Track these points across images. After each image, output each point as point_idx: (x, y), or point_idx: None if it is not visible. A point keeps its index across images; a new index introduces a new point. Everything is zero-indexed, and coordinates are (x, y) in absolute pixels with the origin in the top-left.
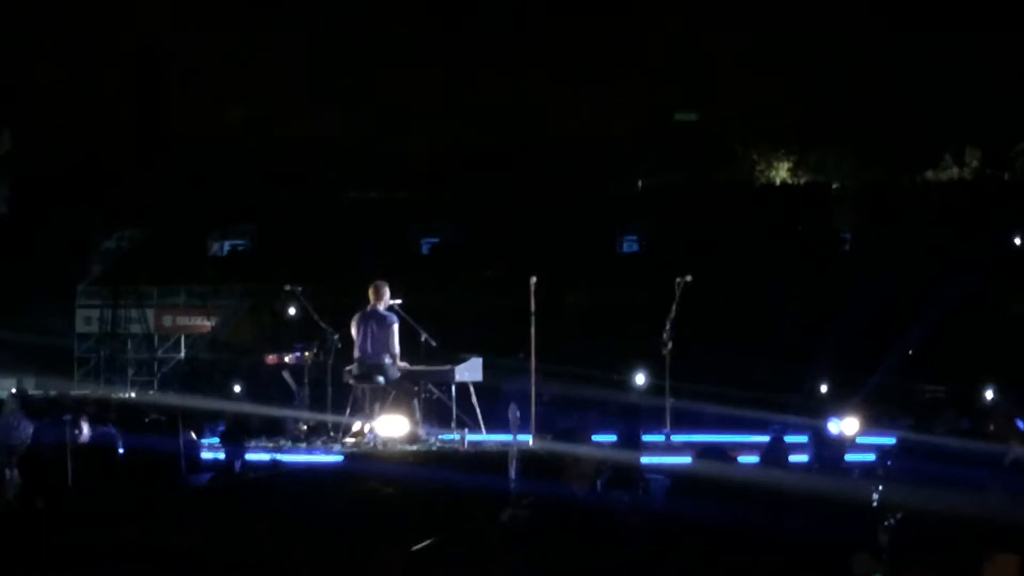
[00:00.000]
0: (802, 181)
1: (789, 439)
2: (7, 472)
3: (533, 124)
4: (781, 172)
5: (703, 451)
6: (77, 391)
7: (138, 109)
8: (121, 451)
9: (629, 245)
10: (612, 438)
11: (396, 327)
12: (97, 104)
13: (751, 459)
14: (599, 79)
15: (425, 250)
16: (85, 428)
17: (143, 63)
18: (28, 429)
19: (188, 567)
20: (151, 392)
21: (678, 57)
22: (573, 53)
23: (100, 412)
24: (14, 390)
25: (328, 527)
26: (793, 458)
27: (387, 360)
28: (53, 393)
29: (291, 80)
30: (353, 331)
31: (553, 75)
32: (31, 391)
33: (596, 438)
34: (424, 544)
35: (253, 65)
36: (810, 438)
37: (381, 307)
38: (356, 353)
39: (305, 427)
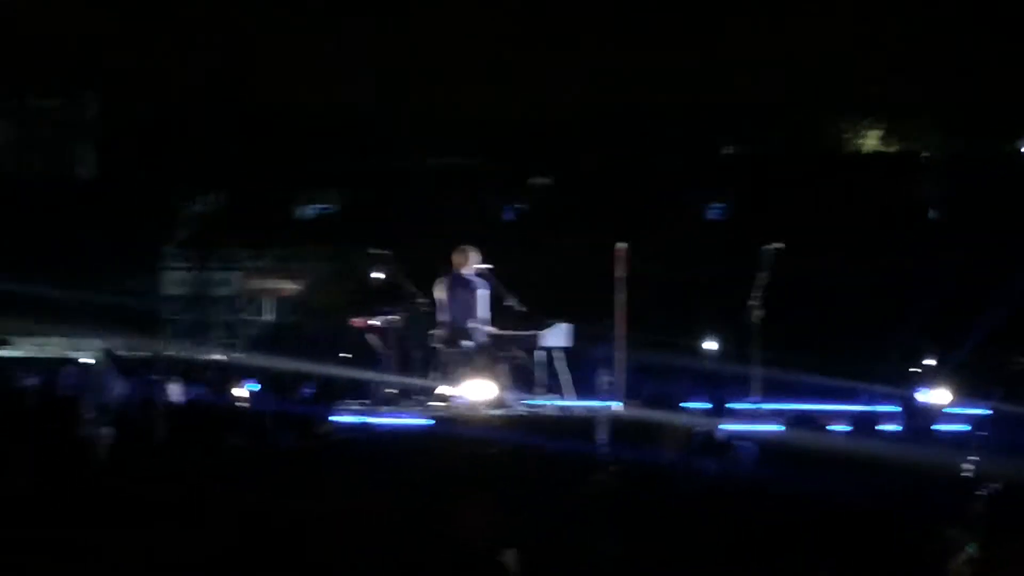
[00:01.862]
0: (892, 150)
1: (879, 409)
2: (100, 430)
3: (619, 91)
4: (870, 140)
5: (793, 419)
6: (166, 352)
7: (226, 72)
8: (209, 411)
9: (716, 213)
10: (701, 405)
11: (484, 291)
12: (184, 67)
13: (842, 428)
14: (686, 45)
15: (511, 216)
16: (174, 388)
17: (231, 25)
18: (121, 388)
19: (276, 528)
20: (237, 354)
21: (766, 23)
22: (659, 20)
23: (189, 372)
24: (105, 349)
25: (418, 489)
26: (884, 428)
27: (474, 325)
28: (142, 353)
29: (380, 46)
30: (440, 295)
31: (640, 41)
32: (121, 352)
33: (684, 405)
34: (513, 507)
35: (344, 32)
36: (901, 408)
37: (468, 271)
38: (443, 317)
39: (392, 391)
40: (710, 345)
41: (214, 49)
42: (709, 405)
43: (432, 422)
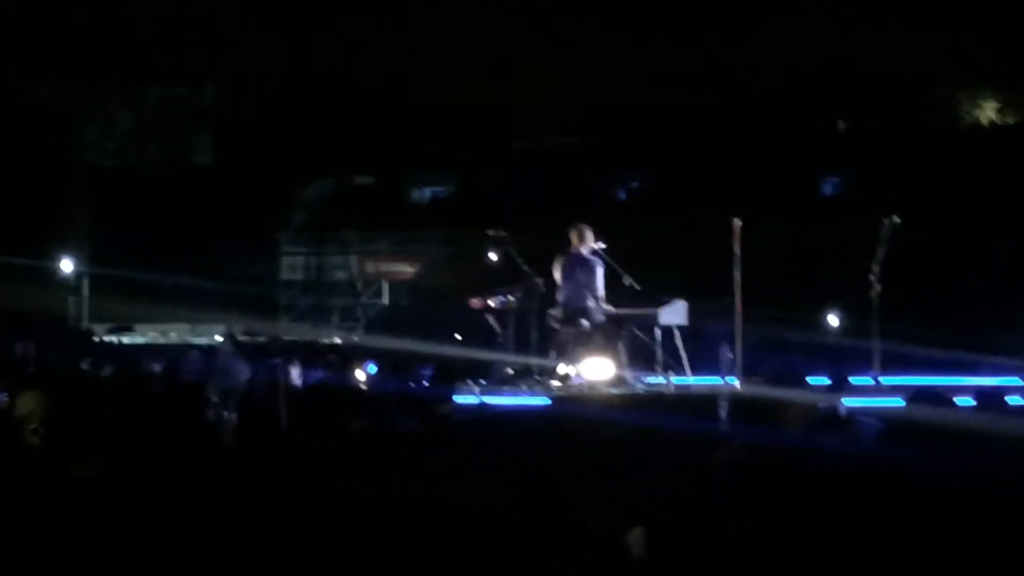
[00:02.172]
0: (1011, 121)
1: (1004, 381)
2: (225, 414)
3: (731, 69)
4: (988, 112)
5: (915, 394)
6: (286, 337)
7: (340, 58)
8: (330, 394)
9: (832, 188)
10: (821, 381)
11: (600, 270)
12: (299, 53)
13: (965, 401)
14: (799, 19)
15: (625, 195)
16: (296, 372)
17: (345, 11)
18: (244, 372)
19: (397, 511)
20: (356, 337)
21: None
22: None
23: (309, 356)
24: (227, 332)
25: (538, 470)
26: (1009, 400)
27: (591, 303)
28: (263, 338)
29: (495, 28)
30: (556, 275)
31: (752, 16)
32: (241, 336)
33: (805, 380)
34: (634, 486)
35: (456, 14)
36: None
37: (584, 250)
38: (559, 297)
39: (511, 371)
40: (829, 320)
41: (329, 36)
42: (829, 381)
43: (550, 402)
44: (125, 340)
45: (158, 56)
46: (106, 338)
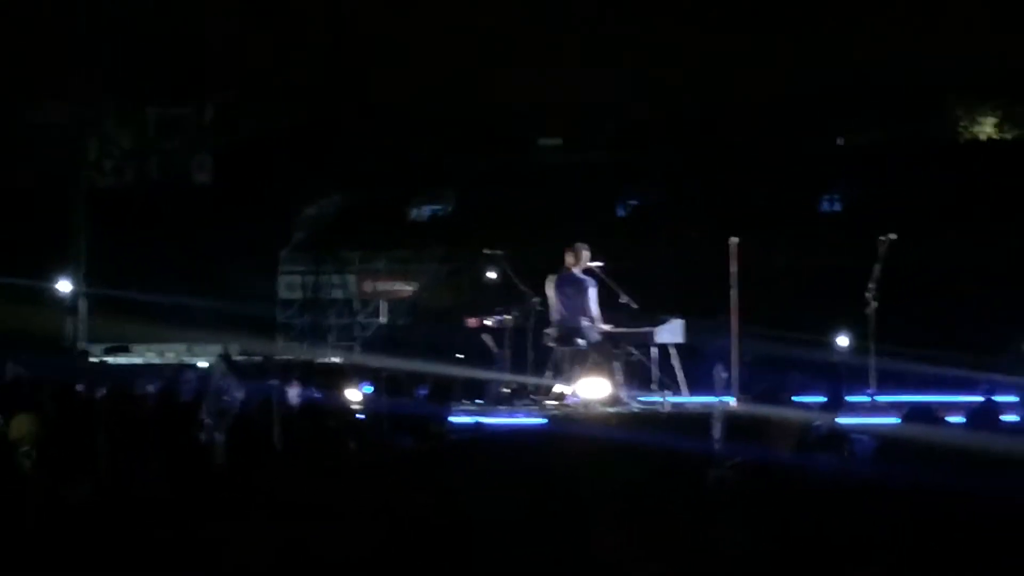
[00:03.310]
0: (1009, 136)
1: (1000, 399)
2: (216, 436)
3: (730, 83)
4: (986, 128)
5: (910, 412)
6: (281, 356)
7: (338, 75)
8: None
9: (830, 204)
10: (816, 399)
11: (593, 290)
12: (297, 72)
13: (958, 419)
14: (798, 35)
15: (623, 212)
16: (293, 392)
17: (342, 29)
18: (238, 393)
19: (393, 528)
20: (354, 356)
21: (877, 10)
22: (769, 8)
23: (306, 375)
24: (221, 354)
25: (535, 489)
26: (1004, 419)
27: (586, 323)
28: (259, 357)
29: (492, 42)
30: (550, 294)
31: (750, 32)
32: (236, 356)
33: (799, 399)
34: (631, 505)
35: (452, 28)
36: (1020, 398)
37: (578, 270)
38: (554, 316)
39: (507, 390)
40: (826, 338)
41: (326, 53)
42: (825, 399)
43: (546, 421)
44: (122, 360)
45: (157, 74)
46: (103, 359)
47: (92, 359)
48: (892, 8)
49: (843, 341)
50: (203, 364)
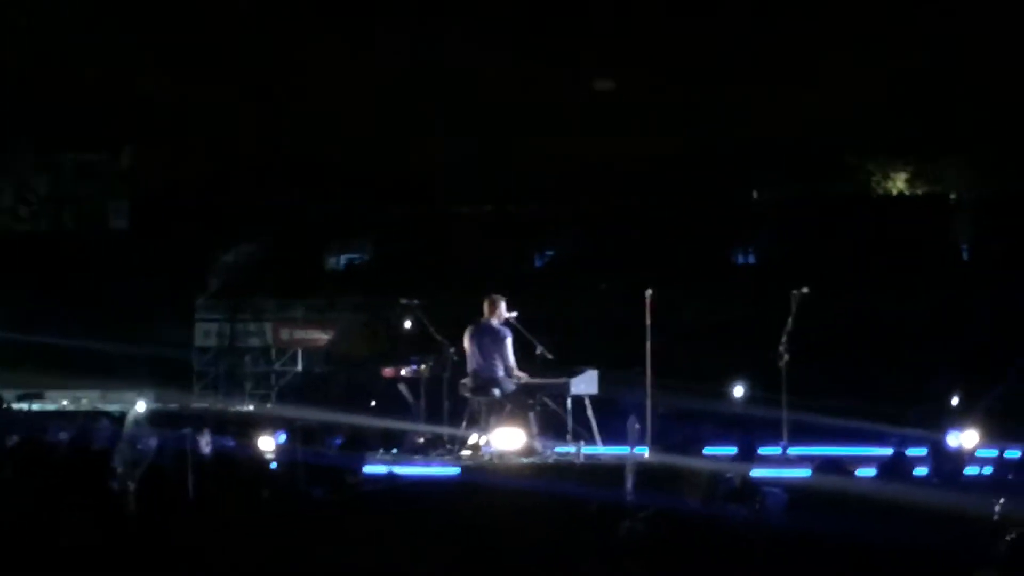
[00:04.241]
0: (920, 192)
1: (909, 452)
2: (129, 484)
3: (647, 137)
4: (898, 183)
5: (822, 464)
6: (196, 404)
7: (255, 125)
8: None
9: (744, 257)
10: (728, 451)
11: (509, 340)
12: (215, 120)
13: (869, 471)
14: (713, 90)
15: (540, 263)
16: (205, 441)
17: (259, 81)
18: (152, 442)
19: None
20: (269, 405)
21: (788, 66)
22: (681, 62)
23: (220, 424)
24: (140, 405)
25: (447, 539)
26: (913, 471)
27: (502, 373)
28: (173, 406)
29: (405, 94)
30: (466, 344)
31: (666, 86)
32: (151, 404)
33: (712, 450)
34: (541, 557)
35: (366, 80)
36: (929, 451)
37: (495, 321)
38: (470, 366)
39: (422, 440)
40: (739, 390)
41: (244, 102)
42: (737, 450)
43: (459, 471)
44: (35, 407)
45: (73, 120)
46: (15, 405)
47: (3, 405)
48: (807, 64)
49: (756, 393)
50: (117, 411)
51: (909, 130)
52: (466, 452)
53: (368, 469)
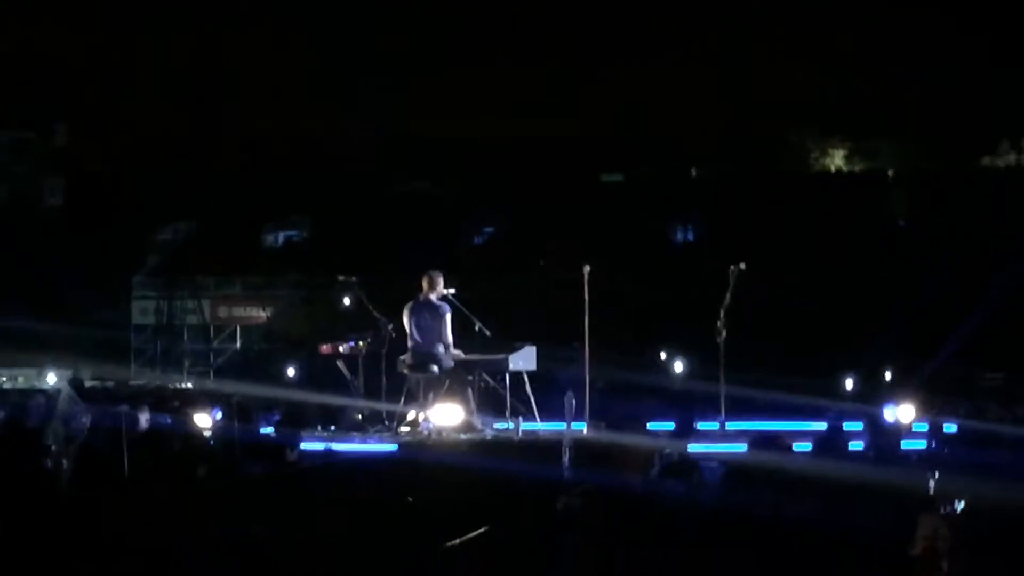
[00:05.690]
0: (857, 168)
1: (845, 426)
2: (63, 462)
3: (586, 115)
4: (836, 160)
5: (758, 439)
6: (134, 381)
7: (194, 103)
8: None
9: (683, 234)
10: (666, 426)
11: (448, 316)
12: (153, 98)
13: (805, 446)
14: (650, 67)
15: (479, 241)
16: (143, 418)
17: (199, 60)
18: (85, 419)
19: (242, 557)
20: (207, 382)
21: (729, 45)
22: (624, 42)
23: (157, 401)
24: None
25: (382, 516)
26: (848, 446)
27: (440, 349)
28: (110, 383)
29: (345, 74)
30: (405, 321)
31: (603, 66)
32: (88, 382)
33: (651, 426)
34: (478, 532)
35: (305, 60)
36: (865, 425)
37: (434, 297)
38: (409, 343)
39: (360, 416)
40: (677, 365)
41: (183, 80)
42: (674, 426)
43: (397, 448)
44: None
45: (7, 98)
46: None
47: None
48: (747, 42)
49: (694, 368)
50: (52, 388)
51: (846, 108)
52: (404, 428)
53: (306, 445)
